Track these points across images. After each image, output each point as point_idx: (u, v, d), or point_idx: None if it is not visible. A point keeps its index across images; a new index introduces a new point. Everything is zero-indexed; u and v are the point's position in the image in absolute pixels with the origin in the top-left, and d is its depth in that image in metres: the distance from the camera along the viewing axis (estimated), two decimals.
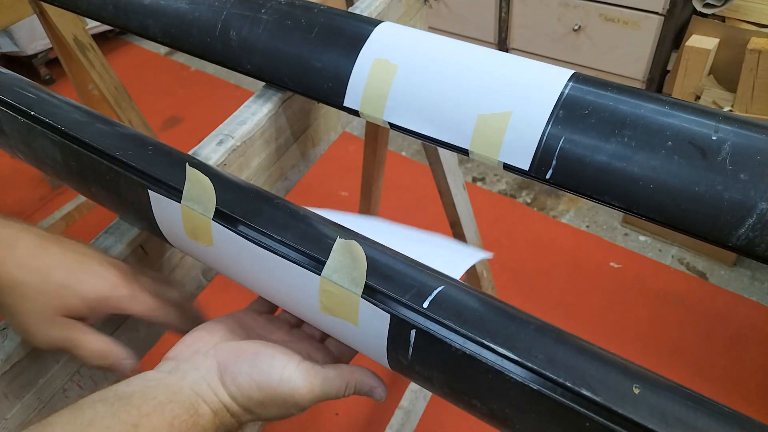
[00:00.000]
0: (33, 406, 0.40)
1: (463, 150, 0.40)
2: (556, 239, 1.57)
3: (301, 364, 0.34)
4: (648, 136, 0.34)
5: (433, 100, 0.41)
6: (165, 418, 0.29)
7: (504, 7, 1.74)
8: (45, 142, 0.44)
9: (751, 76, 1.22)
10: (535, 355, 0.28)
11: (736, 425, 0.25)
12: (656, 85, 1.60)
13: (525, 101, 0.37)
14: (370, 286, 0.32)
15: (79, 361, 0.38)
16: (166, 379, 0.32)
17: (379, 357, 0.34)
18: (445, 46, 0.42)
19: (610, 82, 0.37)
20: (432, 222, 1.61)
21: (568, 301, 1.42)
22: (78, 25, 1.27)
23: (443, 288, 0.32)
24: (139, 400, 0.29)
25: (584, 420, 0.26)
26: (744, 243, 0.31)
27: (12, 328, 0.38)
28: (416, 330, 0.31)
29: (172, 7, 0.52)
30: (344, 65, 0.44)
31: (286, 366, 0.33)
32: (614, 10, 1.53)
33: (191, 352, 0.34)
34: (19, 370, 0.38)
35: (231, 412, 0.33)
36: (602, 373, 0.27)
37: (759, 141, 0.32)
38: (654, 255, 1.50)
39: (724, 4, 1.30)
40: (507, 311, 0.31)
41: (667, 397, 0.26)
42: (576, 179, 0.35)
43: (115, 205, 0.44)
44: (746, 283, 1.40)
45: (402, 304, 0.31)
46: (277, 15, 0.48)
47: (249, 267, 0.37)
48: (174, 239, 0.41)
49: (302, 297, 0.34)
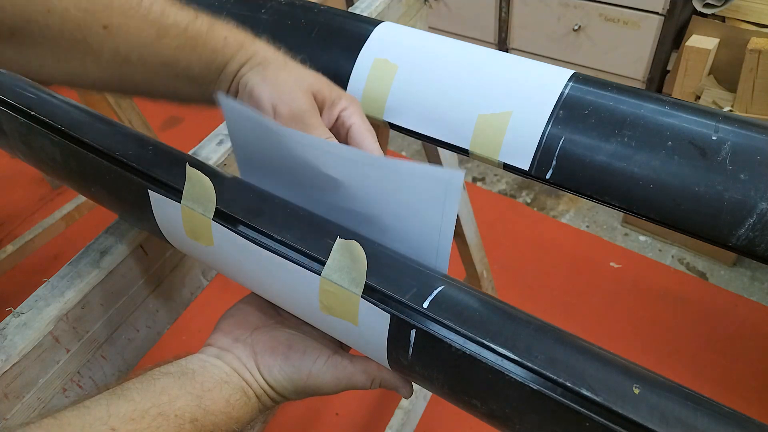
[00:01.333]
0: (33, 406, 0.40)
1: (463, 150, 0.40)
2: (556, 239, 1.57)
3: (330, 359, 0.36)
4: (648, 136, 0.34)
5: (433, 100, 0.41)
6: (223, 395, 0.33)
7: (504, 7, 1.74)
8: (45, 142, 0.44)
9: (751, 76, 1.22)
10: (535, 355, 0.28)
11: (736, 425, 0.25)
12: (656, 85, 1.60)
13: (525, 101, 0.37)
14: (370, 286, 0.32)
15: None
16: (216, 362, 0.35)
17: (379, 357, 0.34)
18: (445, 46, 0.42)
19: (610, 82, 0.37)
20: None
21: (568, 301, 1.42)
22: None
23: (443, 288, 0.32)
24: (201, 376, 0.33)
25: (584, 420, 0.26)
26: (744, 243, 0.31)
27: (259, 96, 0.38)
28: (416, 330, 0.31)
29: None
30: (344, 65, 0.44)
31: (316, 361, 0.36)
32: (614, 10, 1.53)
33: (231, 340, 0.38)
34: (19, 370, 0.38)
35: (270, 396, 0.36)
36: (602, 373, 0.27)
37: (759, 141, 0.32)
38: (654, 255, 1.50)
39: (724, 4, 1.30)
40: (507, 311, 0.31)
41: (667, 397, 0.26)
42: (576, 179, 0.35)
43: (115, 205, 0.44)
44: (746, 283, 1.40)
45: (402, 304, 0.31)
46: (277, 15, 0.48)
47: (249, 267, 0.37)
48: (174, 239, 0.40)
49: (302, 297, 0.34)
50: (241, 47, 0.39)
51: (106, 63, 0.36)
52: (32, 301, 0.40)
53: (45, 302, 0.40)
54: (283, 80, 0.38)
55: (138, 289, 0.46)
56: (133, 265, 0.45)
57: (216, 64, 0.39)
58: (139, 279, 0.46)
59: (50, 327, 0.39)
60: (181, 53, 0.37)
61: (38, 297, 0.40)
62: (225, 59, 0.39)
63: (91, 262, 0.42)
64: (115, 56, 0.36)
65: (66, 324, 0.41)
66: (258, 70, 0.39)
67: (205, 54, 0.38)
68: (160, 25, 0.36)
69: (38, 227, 1.56)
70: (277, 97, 0.38)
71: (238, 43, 0.39)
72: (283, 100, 0.37)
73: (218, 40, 0.38)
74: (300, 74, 0.39)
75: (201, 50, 0.38)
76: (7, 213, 1.82)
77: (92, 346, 0.43)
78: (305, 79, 0.39)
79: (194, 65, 0.38)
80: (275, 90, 0.38)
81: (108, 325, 0.43)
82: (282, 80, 0.38)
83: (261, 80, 0.38)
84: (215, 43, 0.38)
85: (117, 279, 0.44)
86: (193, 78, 0.39)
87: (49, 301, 0.40)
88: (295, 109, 0.37)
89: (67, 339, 0.41)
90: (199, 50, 0.38)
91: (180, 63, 0.38)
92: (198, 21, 0.38)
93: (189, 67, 0.38)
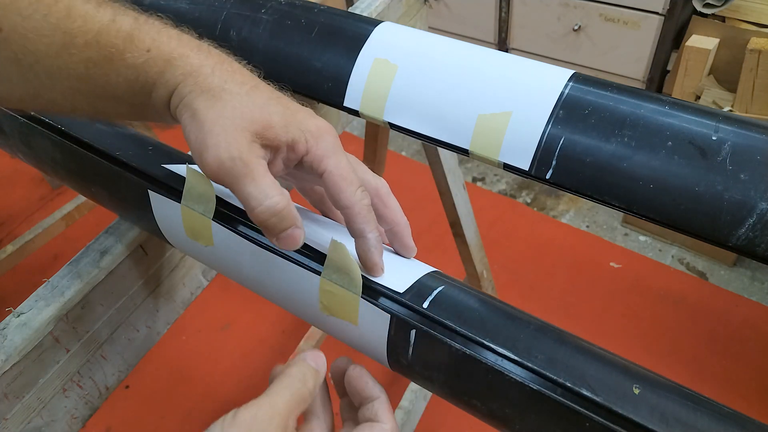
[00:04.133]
0: (33, 406, 0.40)
1: (463, 150, 0.40)
2: (556, 239, 1.57)
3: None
4: (648, 136, 0.34)
5: (433, 100, 0.41)
6: None
7: (504, 7, 1.74)
8: (45, 142, 0.44)
9: (751, 76, 1.22)
10: (535, 355, 0.28)
11: (736, 425, 0.25)
12: (656, 85, 1.60)
13: (525, 101, 0.37)
14: (369, 286, 0.32)
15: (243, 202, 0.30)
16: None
17: (379, 357, 0.34)
18: (445, 46, 0.42)
19: (610, 82, 0.37)
20: (432, 222, 1.61)
21: (568, 301, 1.42)
22: None
23: (443, 288, 0.32)
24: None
25: (584, 420, 0.26)
26: (744, 243, 0.31)
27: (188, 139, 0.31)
28: (416, 330, 0.31)
29: (172, 7, 0.52)
30: (344, 65, 0.44)
31: None
32: (614, 10, 1.53)
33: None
34: (19, 370, 0.38)
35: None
36: (602, 373, 0.27)
37: (759, 141, 0.32)
38: (654, 255, 1.50)
39: (724, 4, 1.30)
40: (507, 311, 0.31)
41: (667, 398, 0.26)
42: (576, 179, 0.35)
43: (115, 205, 0.44)
44: (746, 283, 1.40)
45: (402, 304, 0.31)
46: (277, 15, 0.48)
47: (249, 267, 0.37)
48: (174, 239, 0.41)
49: (302, 297, 0.34)
50: (168, 64, 0.30)
51: (9, 75, 0.29)
52: (32, 301, 0.40)
53: (45, 302, 0.40)
54: (213, 117, 0.29)
55: (138, 289, 0.46)
56: (133, 265, 0.45)
57: (140, 84, 0.30)
58: (139, 279, 0.46)
59: (50, 327, 0.39)
60: (94, 68, 0.29)
61: (38, 297, 0.40)
62: (149, 80, 0.30)
63: (91, 262, 0.42)
64: (16, 67, 0.29)
65: (66, 324, 0.41)
66: (189, 101, 0.30)
67: (123, 70, 0.30)
68: (65, 30, 0.28)
69: (38, 227, 1.56)
70: (202, 141, 0.29)
71: (163, 58, 0.30)
72: (209, 144, 0.29)
73: (139, 52, 0.30)
74: (241, 104, 0.30)
75: (118, 65, 0.30)
76: (7, 213, 1.82)
77: (92, 346, 0.43)
78: (247, 112, 0.30)
79: (114, 83, 0.30)
80: (201, 131, 0.29)
81: (108, 325, 0.43)
82: (212, 117, 0.29)
83: (190, 117, 0.30)
84: (135, 58, 0.30)
85: (117, 279, 0.44)
86: (119, 98, 0.31)
87: (49, 301, 0.40)
88: (224, 158, 0.29)
89: (67, 339, 0.41)
90: (116, 65, 0.30)
91: (95, 80, 0.30)
92: (115, 25, 0.29)
93: (107, 85, 0.30)
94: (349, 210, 0.31)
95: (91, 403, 0.45)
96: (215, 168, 0.29)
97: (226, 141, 0.29)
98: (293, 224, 0.30)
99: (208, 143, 0.29)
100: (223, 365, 1.36)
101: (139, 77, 0.30)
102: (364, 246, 0.32)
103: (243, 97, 0.30)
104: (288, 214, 0.30)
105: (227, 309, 1.45)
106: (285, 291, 0.36)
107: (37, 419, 0.40)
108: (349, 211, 0.31)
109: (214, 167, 0.29)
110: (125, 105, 0.31)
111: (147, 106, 0.32)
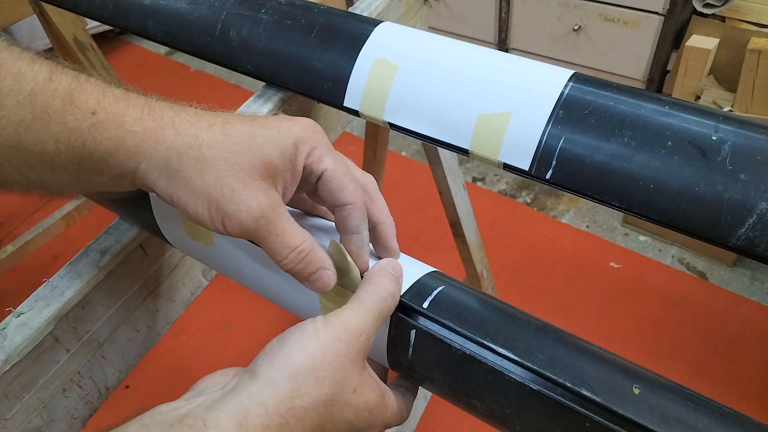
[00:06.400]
0: (33, 406, 0.40)
1: (463, 150, 0.40)
2: (556, 239, 1.57)
3: None
4: (648, 136, 0.34)
5: (433, 100, 0.41)
6: None
7: (504, 7, 1.74)
8: None
9: (751, 76, 1.22)
10: (535, 355, 0.28)
11: (736, 425, 0.25)
12: (656, 85, 1.60)
13: (525, 101, 0.37)
14: None
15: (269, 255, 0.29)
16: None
17: (379, 357, 0.34)
18: (445, 46, 0.42)
19: (610, 82, 0.37)
20: (432, 222, 1.61)
21: (568, 301, 1.42)
22: (78, 25, 1.27)
23: (443, 288, 0.32)
24: None
25: (584, 420, 0.26)
26: (744, 243, 0.31)
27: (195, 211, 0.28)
28: (416, 330, 0.31)
29: (172, 7, 0.52)
30: (344, 65, 0.44)
31: None
32: (614, 10, 1.53)
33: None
34: (19, 370, 0.38)
35: None
36: (602, 373, 0.27)
37: (759, 141, 0.32)
38: (654, 255, 1.50)
39: (724, 4, 1.30)
40: (507, 311, 0.31)
41: (667, 398, 0.26)
42: (576, 179, 0.35)
43: (115, 205, 0.44)
44: (746, 283, 1.40)
45: (402, 304, 0.31)
46: (277, 15, 0.48)
47: (249, 267, 0.37)
48: (174, 239, 0.41)
49: (302, 297, 0.34)
50: (123, 130, 0.26)
51: None
52: (32, 301, 0.40)
53: (45, 302, 0.40)
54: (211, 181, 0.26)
55: (138, 289, 0.46)
56: (133, 265, 0.45)
57: (87, 152, 0.26)
58: (139, 279, 0.46)
59: (50, 327, 0.39)
60: (29, 133, 0.26)
61: (38, 297, 0.40)
62: (99, 148, 0.26)
63: (91, 262, 0.42)
64: None
65: (66, 324, 0.41)
66: (174, 171, 0.27)
67: (64, 136, 0.26)
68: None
69: (38, 227, 1.56)
70: (216, 209, 0.27)
71: (114, 122, 0.26)
72: (228, 211, 0.27)
73: (82, 114, 0.26)
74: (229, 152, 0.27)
75: (56, 129, 0.26)
76: (7, 213, 1.82)
77: (92, 346, 0.43)
78: (240, 160, 0.27)
79: (52, 151, 0.26)
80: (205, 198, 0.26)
81: (108, 325, 0.43)
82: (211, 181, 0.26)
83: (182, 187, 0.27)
84: (78, 121, 0.26)
85: (117, 279, 0.44)
86: (59, 167, 0.27)
87: (49, 301, 0.40)
88: (248, 223, 0.27)
89: (67, 339, 0.41)
90: (53, 129, 0.26)
91: (30, 147, 0.26)
92: (52, 84, 0.26)
93: (44, 153, 0.26)
94: (351, 206, 0.30)
95: (91, 403, 0.45)
96: (241, 233, 0.28)
97: (244, 202, 0.27)
98: (320, 266, 0.30)
99: (226, 210, 0.27)
100: (223, 365, 1.35)
101: (86, 144, 0.26)
102: (358, 243, 0.32)
103: (224, 143, 0.27)
104: (313, 258, 0.29)
105: (227, 309, 1.45)
106: (285, 291, 0.36)
107: (37, 419, 0.40)
108: (350, 208, 0.31)
109: (239, 233, 0.28)
110: (67, 175, 0.27)
111: (97, 175, 0.28)
